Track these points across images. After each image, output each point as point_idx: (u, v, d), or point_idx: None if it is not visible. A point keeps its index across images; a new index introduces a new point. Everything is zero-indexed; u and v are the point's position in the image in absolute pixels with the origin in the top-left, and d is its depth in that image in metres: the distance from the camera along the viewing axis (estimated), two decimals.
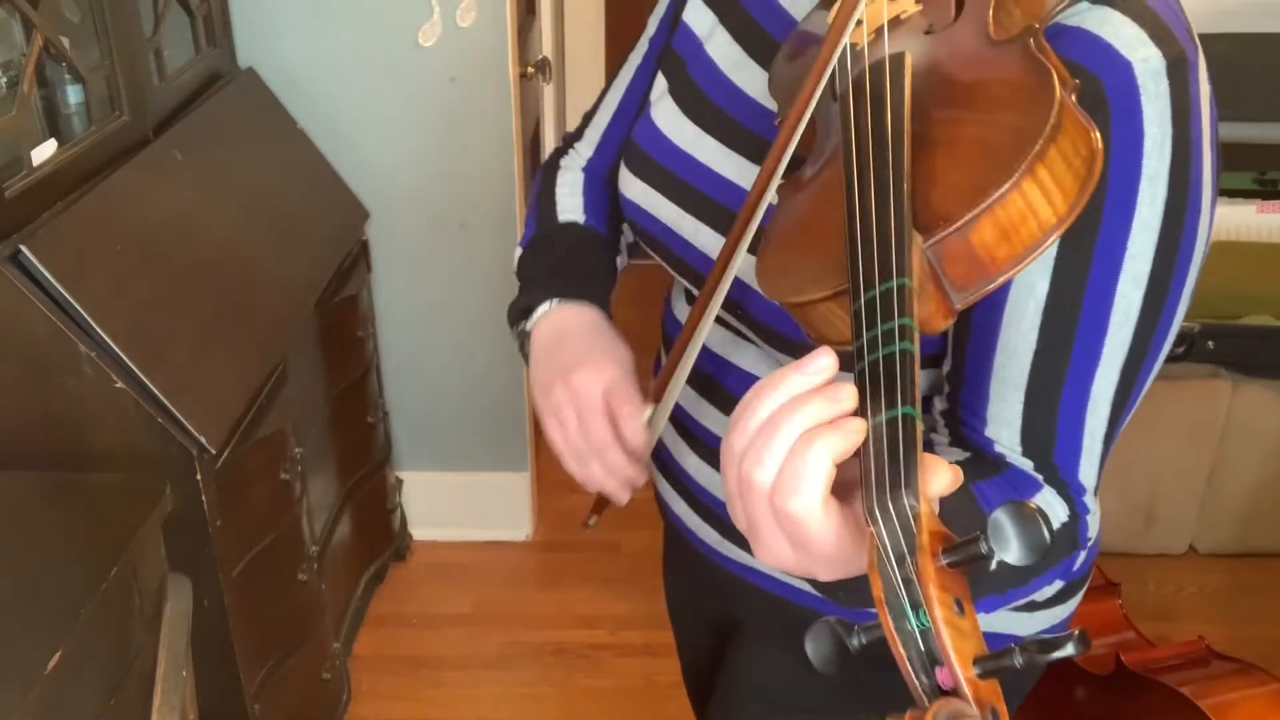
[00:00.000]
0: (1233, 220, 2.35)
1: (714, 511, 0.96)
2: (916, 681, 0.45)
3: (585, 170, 1.06)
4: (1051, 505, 0.72)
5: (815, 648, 0.49)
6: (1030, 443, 0.73)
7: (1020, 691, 0.99)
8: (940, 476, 0.50)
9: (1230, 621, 2.40)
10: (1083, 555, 0.93)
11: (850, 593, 0.60)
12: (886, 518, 0.48)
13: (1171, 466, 2.49)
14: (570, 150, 1.08)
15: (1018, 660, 0.43)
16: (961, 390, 0.75)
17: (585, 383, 0.83)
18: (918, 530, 0.47)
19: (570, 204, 1.03)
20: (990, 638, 0.98)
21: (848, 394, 0.52)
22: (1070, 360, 0.70)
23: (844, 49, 0.66)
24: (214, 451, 1.49)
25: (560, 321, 0.91)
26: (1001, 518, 0.45)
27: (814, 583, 0.61)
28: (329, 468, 2.12)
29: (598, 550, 2.65)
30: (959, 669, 0.44)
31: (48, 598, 1.17)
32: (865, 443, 0.50)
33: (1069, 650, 0.42)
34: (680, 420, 0.98)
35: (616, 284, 1.03)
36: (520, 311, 0.95)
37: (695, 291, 0.91)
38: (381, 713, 2.21)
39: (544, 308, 0.93)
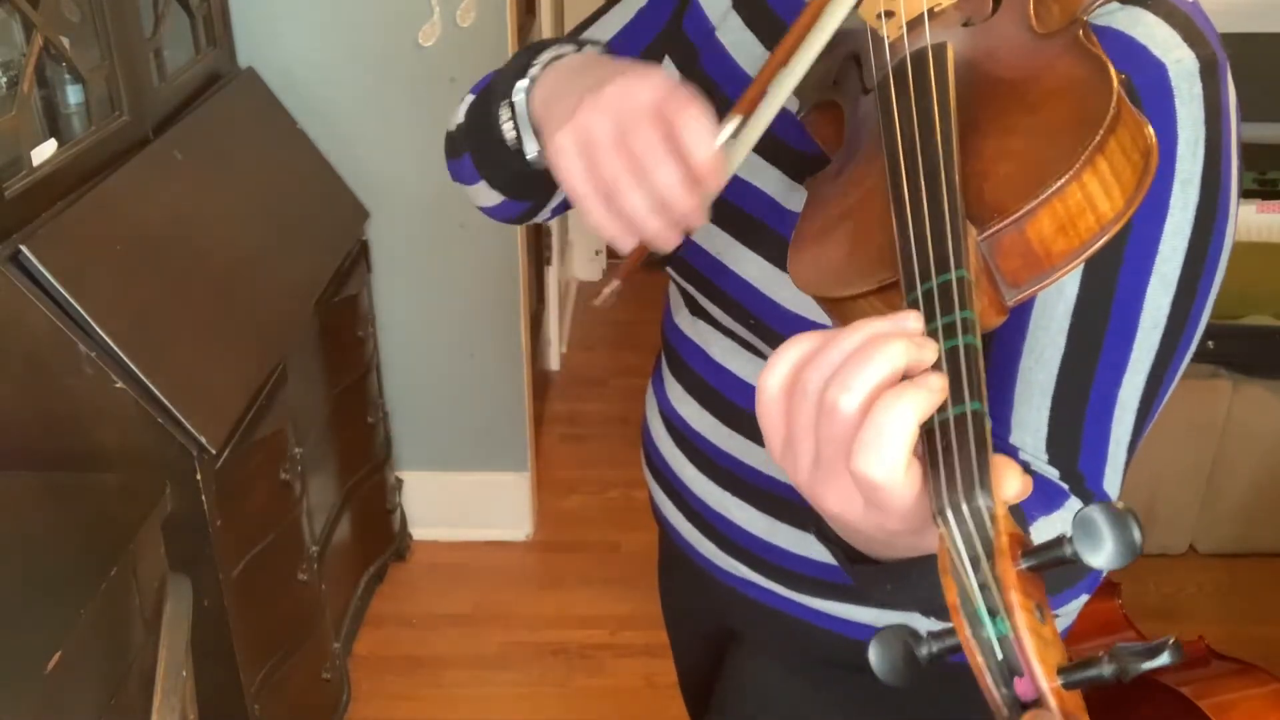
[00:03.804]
0: None
1: (714, 525, 0.95)
2: (996, 693, 0.43)
3: None
4: None
5: (881, 656, 0.46)
6: (1056, 450, 0.71)
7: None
8: (1012, 478, 0.46)
9: (1230, 621, 2.40)
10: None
11: (904, 585, 0.57)
12: (960, 519, 0.45)
13: (1171, 466, 2.49)
14: None
15: (1105, 670, 0.41)
16: None
17: (627, 88, 0.62)
18: (995, 533, 0.44)
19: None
20: None
21: (930, 344, 0.48)
22: (1098, 365, 0.69)
23: (873, 38, 0.64)
24: (214, 451, 1.48)
25: (578, 61, 0.71)
26: (1093, 516, 0.42)
27: (853, 572, 0.58)
28: (329, 468, 2.12)
29: (598, 550, 2.65)
30: (1044, 679, 0.41)
31: (48, 598, 1.16)
32: (933, 438, 0.47)
33: (1164, 659, 0.40)
34: (679, 430, 0.96)
35: None
36: (512, 74, 0.73)
37: (695, 295, 0.89)
38: (381, 713, 2.21)
39: (551, 54, 0.73)
